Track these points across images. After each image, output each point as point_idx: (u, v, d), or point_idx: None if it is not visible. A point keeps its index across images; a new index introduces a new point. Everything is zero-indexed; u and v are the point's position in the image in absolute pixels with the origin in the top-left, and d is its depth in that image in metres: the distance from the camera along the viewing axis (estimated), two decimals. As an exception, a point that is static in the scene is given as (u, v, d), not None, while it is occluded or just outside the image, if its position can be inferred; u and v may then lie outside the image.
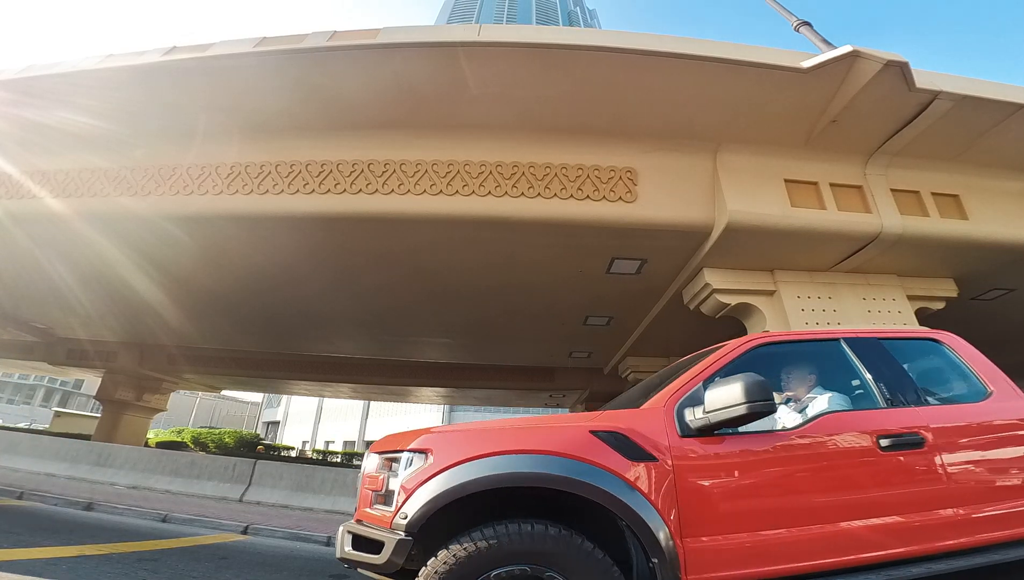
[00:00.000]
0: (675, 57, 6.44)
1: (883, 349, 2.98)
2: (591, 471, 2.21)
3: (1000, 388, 2.96)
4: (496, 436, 2.42)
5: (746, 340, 2.96)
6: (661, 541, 2.14)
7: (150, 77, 7.11)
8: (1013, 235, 7.84)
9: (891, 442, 2.51)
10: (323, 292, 10.57)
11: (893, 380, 2.82)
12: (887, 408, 2.69)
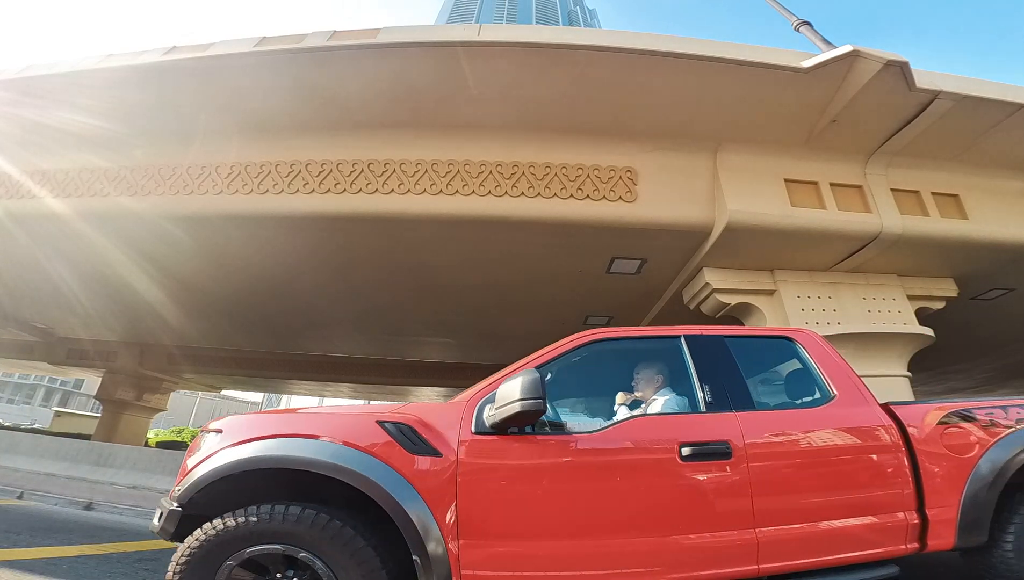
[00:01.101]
0: (675, 57, 6.44)
1: (723, 349, 2.73)
2: (362, 460, 2.15)
3: (845, 392, 2.66)
4: (284, 420, 2.40)
5: (580, 336, 2.79)
6: (426, 537, 2.05)
7: (150, 77, 7.11)
8: (1013, 235, 7.84)
9: (693, 451, 2.25)
10: (323, 292, 10.57)
11: (722, 382, 2.57)
12: (706, 413, 2.45)
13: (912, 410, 2.62)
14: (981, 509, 2.38)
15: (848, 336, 7.72)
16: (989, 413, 2.64)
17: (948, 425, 2.58)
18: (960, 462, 2.48)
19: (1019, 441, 2.55)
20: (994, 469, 2.45)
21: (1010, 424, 2.61)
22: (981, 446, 2.52)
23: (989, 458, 2.48)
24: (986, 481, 2.42)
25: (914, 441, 2.50)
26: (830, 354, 2.88)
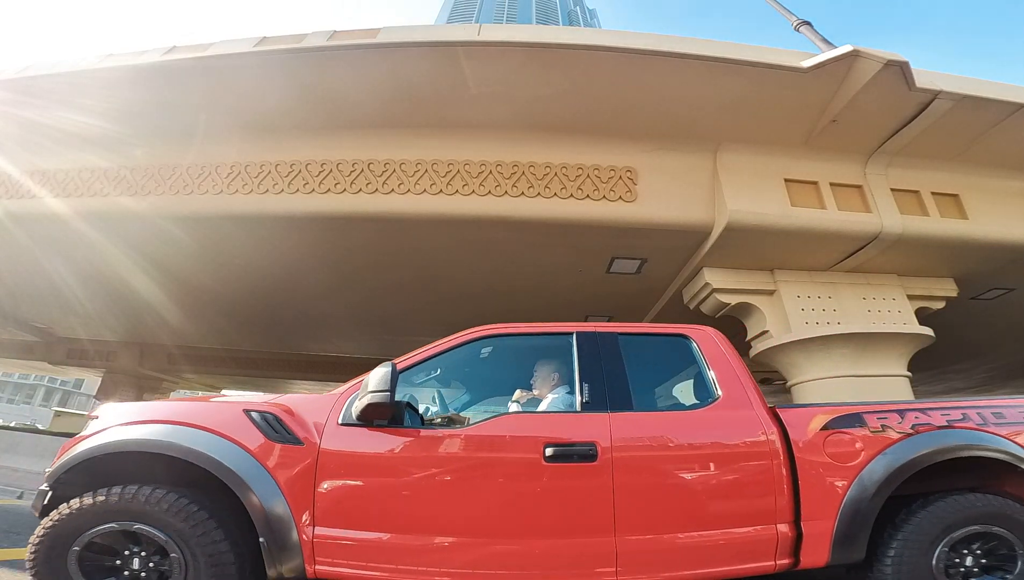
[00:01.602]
0: (675, 56, 6.44)
1: (614, 347, 2.63)
2: (219, 445, 2.18)
3: (731, 393, 2.49)
4: (159, 408, 2.43)
5: (469, 331, 2.74)
6: (275, 521, 2.07)
7: (150, 77, 7.10)
8: (1013, 235, 7.84)
9: (556, 452, 2.17)
10: (323, 291, 10.57)
11: (603, 381, 2.47)
12: (580, 413, 2.37)
13: (799, 414, 2.45)
14: (859, 523, 2.19)
15: (848, 336, 7.72)
16: (882, 418, 2.43)
17: (833, 431, 2.39)
18: (842, 471, 2.29)
19: (909, 450, 2.33)
20: (877, 480, 2.25)
21: (905, 431, 2.40)
22: (867, 454, 2.33)
23: (873, 467, 2.29)
24: (867, 493, 2.23)
25: (795, 447, 2.32)
26: (724, 354, 2.68)
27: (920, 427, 2.42)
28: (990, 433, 2.44)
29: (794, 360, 8.10)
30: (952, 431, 2.44)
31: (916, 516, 2.24)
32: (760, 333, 8.42)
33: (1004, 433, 2.44)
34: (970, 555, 2.25)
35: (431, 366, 2.63)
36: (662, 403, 2.77)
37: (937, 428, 2.43)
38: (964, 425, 2.46)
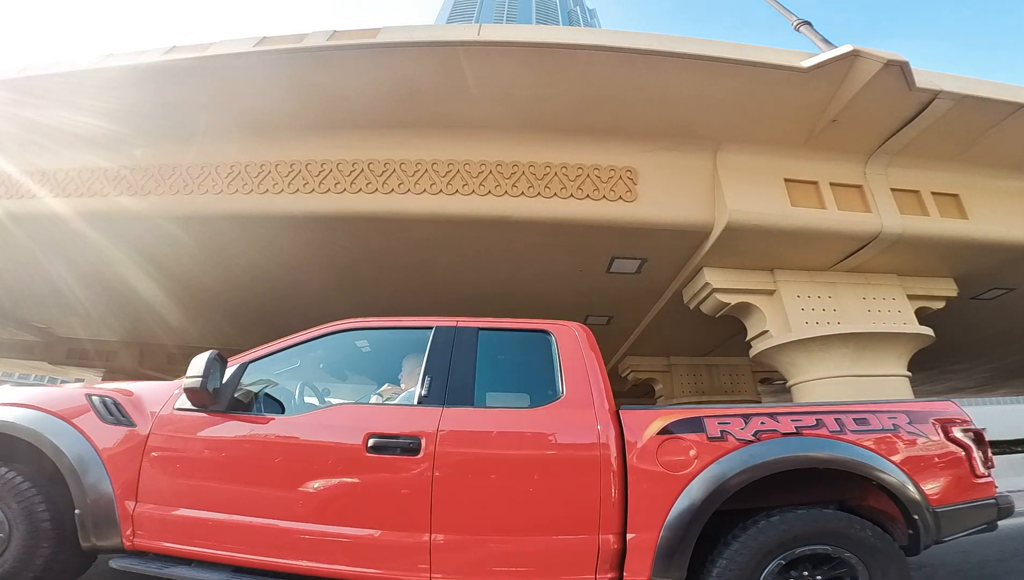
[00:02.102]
0: (675, 56, 6.44)
1: (470, 342, 2.65)
2: (51, 424, 2.30)
3: (575, 392, 2.39)
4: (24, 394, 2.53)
5: (331, 324, 2.80)
6: (95, 496, 2.18)
7: (150, 77, 7.10)
8: (1013, 235, 7.84)
9: (379, 443, 2.17)
10: (323, 291, 10.57)
11: (447, 375, 2.46)
12: (417, 406, 2.36)
13: (640, 416, 2.29)
14: (681, 539, 2.03)
15: (848, 336, 7.72)
16: (724, 423, 2.24)
17: (669, 436, 2.21)
18: (672, 480, 2.12)
19: (743, 459, 2.15)
20: (705, 491, 2.07)
21: (746, 438, 2.21)
22: (701, 463, 2.15)
23: (704, 478, 2.11)
24: (693, 506, 2.06)
25: (629, 452, 2.18)
26: (580, 352, 2.59)
27: (763, 434, 2.23)
28: (845, 441, 2.24)
29: (794, 360, 8.10)
30: (798, 439, 2.23)
31: (744, 534, 2.04)
32: (760, 333, 8.42)
33: (861, 441, 2.26)
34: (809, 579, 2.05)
35: (288, 357, 2.65)
36: (506, 400, 2.62)
37: (782, 435, 2.24)
38: (815, 432, 2.26)
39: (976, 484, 2.39)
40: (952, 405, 2.55)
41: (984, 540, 4.31)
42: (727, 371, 13.63)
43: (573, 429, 2.25)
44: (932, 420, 2.42)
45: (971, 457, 2.40)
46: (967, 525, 2.36)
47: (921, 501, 2.22)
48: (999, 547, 3.98)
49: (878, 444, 2.28)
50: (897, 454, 2.29)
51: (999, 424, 43.57)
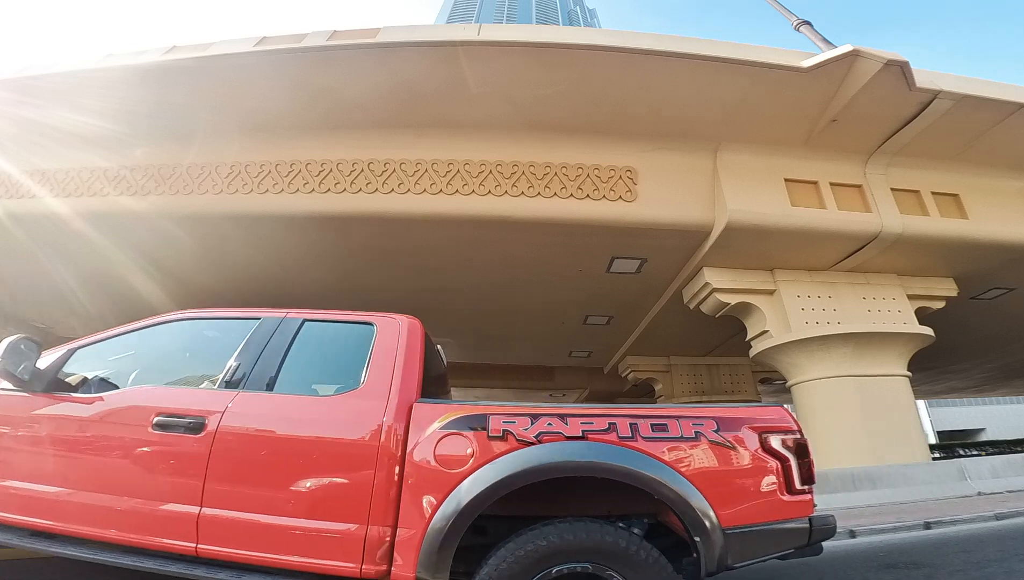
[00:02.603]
0: (675, 56, 6.44)
1: (291, 331, 2.64)
2: None
3: (376, 383, 2.36)
4: None
5: (164, 315, 2.87)
6: None
7: (150, 77, 7.11)
8: (1013, 234, 7.85)
9: (163, 422, 2.24)
10: (323, 291, 10.56)
11: (255, 362, 2.48)
12: (216, 390, 2.40)
13: (432, 410, 2.23)
14: (444, 540, 1.95)
15: (848, 335, 7.73)
16: (508, 422, 2.11)
17: (450, 432, 2.12)
18: (445, 478, 2.04)
19: (516, 463, 2.01)
20: (471, 493, 1.97)
21: (527, 439, 2.07)
22: (476, 462, 2.04)
23: (473, 479, 2.00)
24: (458, 507, 1.96)
25: (411, 446, 2.12)
26: (396, 344, 2.56)
27: (545, 436, 2.09)
28: (633, 448, 2.08)
29: (794, 360, 8.11)
30: (580, 444, 2.08)
31: (509, 544, 1.94)
32: (760, 333, 8.42)
33: (651, 449, 2.09)
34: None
35: (120, 345, 2.75)
36: (308, 388, 2.57)
37: (565, 438, 2.09)
38: (602, 437, 2.10)
39: (786, 502, 2.13)
40: (780, 411, 2.30)
41: (984, 540, 4.32)
42: (727, 371, 13.64)
43: (356, 419, 2.23)
44: (746, 428, 2.19)
45: (788, 470, 2.15)
46: (769, 549, 2.11)
47: (706, 519, 2.01)
48: (999, 547, 3.98)
49: (671, 453, 2.10)
50: (690, 465, 2.10)
51: (999, 424, 43.56)
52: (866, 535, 4.74)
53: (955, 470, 7.02)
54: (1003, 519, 5.09)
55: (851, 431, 7.45)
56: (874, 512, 5.76)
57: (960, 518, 5.08)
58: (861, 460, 7.08)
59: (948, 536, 4.57)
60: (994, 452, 29.02)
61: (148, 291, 10.63)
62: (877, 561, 3.73)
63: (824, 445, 7.66)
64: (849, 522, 5.07)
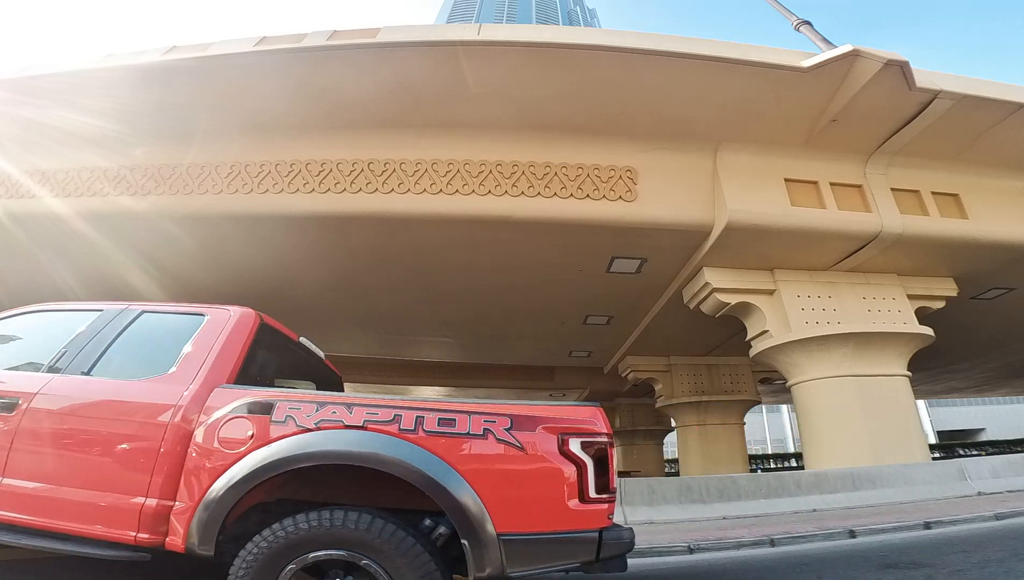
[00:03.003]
0: (675, 56, 6.44)
1: (123, 321, 2.77)
2: None
3: (185, 370, 2.45)
4: None
5: (26, 307, 3.01)
6: None
7: (150, 77, 7.11)
8: (1013, 234, 7.85)
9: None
10: (323, 291, 10.57)
11: (80, 349, 2.62)
12: (43, 373, 2.54)
13: (230, 394, 2.30)
14: (211, 515, 2.02)
15: (848, 335, 7.73)
16: (294, 408, 2.16)
17: (235, 415, 2.19)
18: (223, 459, 2.12)
19: (286, 448, 2.05)
20: (239, 475, 2.03)
21: (306, 426, 2.11)
22: (253, 446, 2.10)
23: (244, 462, 2.06)
24: (225, 487, 2.04)
25: (199, 427, 2.22)
26: (219, 334, 2.65)
27: (324, 424, 2.11)
28: (411, 441, 2.05)
29: (794, 360, 8.11)
30: (357, 433, 2.08)
31: (273, 526, 1.97)
32: (760, 333, 8.43)
33: (430, 443, 2.05)
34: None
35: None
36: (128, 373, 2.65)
37: (344, 427, 2.10)
38: (383, 428, 2.08)
39: (577, 511, 2.01)
40: (590, 412, 2.17)
41: (984, 540, 4.32)
42: (727, 371, 13.64)
43: (153, 401, 2.35)
44: (542, 428, 2.08)
45: (584, 477, 2.02)
46: (551, 561, 2.00)
47: (477, 522, 1.95)
48: (999, 547, 3.97)
49: (450, 449, 2.05)
50: (470, 463, 2.03)
51: (999, 424, 43.56)
52: (866, 535, 4.74)
53: (955, 470, 7.02)
54: (1003, 519, 5.09)
55: (851, 431, 7.45)
56: (874, 512, 5.76)
57: (960, 518, 5.07)
58: (861, 460, 7.08)
59: (948, 536, 4.56)
60: (994, 452, 29.05)
61: (148, 291, 10.63)
62: (877, 561, 3.73)
63: (824, 445, 7.67)
64: (849, 522, 5.08)
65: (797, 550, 4.34)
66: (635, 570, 3.87)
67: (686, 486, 6.42)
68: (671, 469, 22.41)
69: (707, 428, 12.99)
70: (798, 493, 6.42)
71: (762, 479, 6.60)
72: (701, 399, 13.14)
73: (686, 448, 13.42)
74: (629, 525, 2.45)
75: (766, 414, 44.17)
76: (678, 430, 13.97)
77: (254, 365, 2.82)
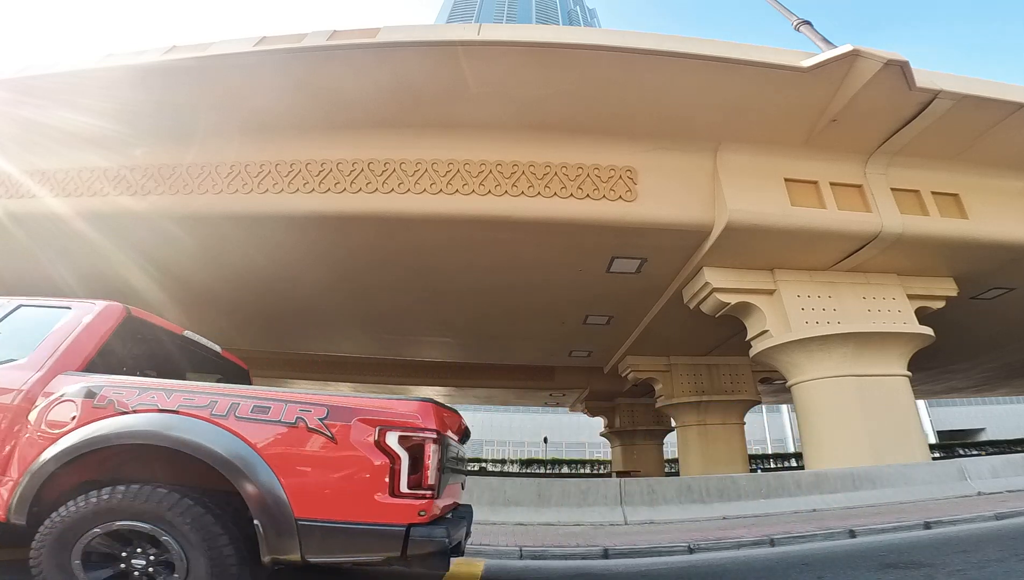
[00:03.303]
0: (675, 56, 6.44)
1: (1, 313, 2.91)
2: None
3: (36, 359, 2.58)
4: None
5: None
6: None
7: (150, 77, 7.11)
8: (1013, 234, 7.85)
9: None
10: (323, 291, 10.57)
11: None
12: None
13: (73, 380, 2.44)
14: (26, 490, 2.19)
15: (848, 335, 7.73)
16: (116, 393, 2.30)
17: (65, 398, 2.34)
18: (47, 437, 2.26)
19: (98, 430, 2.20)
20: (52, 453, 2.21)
21: (124, 409, 2.25)
22: (74, 425, 2.26)
23: (63, 440, 2.22)
24: (42, 463, 2.20)
25: (36, 409, 2.36)
26: (78, 325, 2.76)
27: (141, 408, 2.25)
28: (218, 425, 2.17)
29: (794, 359, 8.11)
30: (166, 416, 2.21)
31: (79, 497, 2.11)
32: (760, 333, 8.43)
33: (238, 428, 2.16)
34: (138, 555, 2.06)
35: None
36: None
37: (158, 411, 2.23)
38: (195, 413, 2.20)
39: (385, 505, 2.02)
40: (414, 407, 2.20)
41: (984, 540, 4.32)
42: (727, 371, 13.64)
43: (1, 385, 2.48)
44: (358, 420, 2.13)
45: (396, 471, 2.04)
46: (352, 551, 2.03)
47: (272, 505, 2.03)
48: (999, 547, 3.97)
49: (257, 434, 2.14)
50: (277, 450, 2.12)
51: (999, 424, 43.54)
52: (866, 535, 4.74)
53: (955, 470, 7.02)
54: (1003, 519, 5.09)
55: (851, 431, 7.45)
56: (874, 512, 5.76)
57: (960, 518, 5.08)
58: (861, 460, 7.08)
59: (948, 536, 4.56)
60: (994, 452, 29.04)
61: (148, 290, 10.63)
62: (877, 561, 3.73)
63: (824, 445, 7.67)
64: (849, 522, 5.08)
65: (797, 550, 4.34)
66: (635, 570, 3.88)
67: (686, 486, 6.42)
68: (671, 469, 22.39)
69: (707, 428, 12.99)
70: (798, 493, 6.43)
71: (762, 479, 6.60)
72: (701, 399, 13.14)
73: (686, 448, 13.42)
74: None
75: (766, 414, 44.14)
76: (678, 430, 13.97)
77: (116, 356, 2.93)
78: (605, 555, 4.34)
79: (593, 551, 4.39)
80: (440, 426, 2.20)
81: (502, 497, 6.15)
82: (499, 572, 3.85)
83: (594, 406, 20.77)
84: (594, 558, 4.32)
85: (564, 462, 33.73)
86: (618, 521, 5.92)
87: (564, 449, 38.62)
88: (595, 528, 5.67)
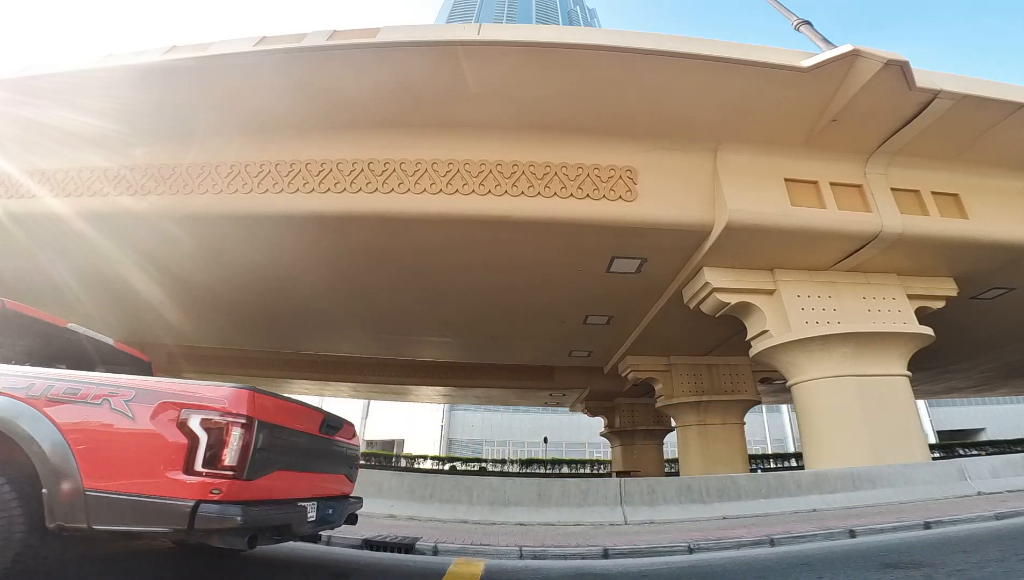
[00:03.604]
0: (675, 56, 6.44)
1: None
2: None
3: None
4: None
5: None
6: None
7: (150, 77, 7.11)
8: (1013, 234, 7.85)
9: None
10: (323, 291, 10.57)
11: None
12: None
13: None
14: None
15: (848, 335, 7.73)
16: None
17: None
18: None
19: None
20: None
21: None
22: None
23: None
24: None
25: None
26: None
27: None
28: (27, 404, 2.34)
29: (794, 359, 8.11)
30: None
31: None
32: (760, 332, 8.42)
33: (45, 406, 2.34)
34: None
35: None
36: None
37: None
38: (10, 393, 2.38)
39: (178, 482, 2.16)
40: (226, 393, 2.33)
41: (984, 540, 4.32)
42: (727, 371, 13.63)
43: None
44: (163, 402, 2.29)
45: (193, 450, 2.19)
46: (138, 521, 2.17)
47: (60, 475, 2.19)
48: (999, 547, 3.97)
49: (61, 412, 2.32)
50: (77, 427, 2.29)
51: (999, 424, 43.55)
52: (866, 535, 4.74)
53: (955, 470, 7.02)
54: (1003, 519, 5.09)
55: (851, 431, 7.45)
56: (874, 512, 5.76)
57: (960, 518, 5.07)
58: (861, 460, 7.08)
59: (948, 536, 4.56)
60: (994, 452, 29.03)
61: (148, 291, 10.64)
62: (877, 561, 3.73)
63: (824, 445, 7.67)
64: (849, 522, 5.08)
65: (797, 550, 4.34)
66: (635, 570, 3.88)
67: (686, 486, 6.42)
68: (671, 469, 22.38)
69: (707, 428, 12.99)
70: (798, 493, 6.42)
71: (762, 479, 6.59)
72: (701, 399, 13.14)
73: (686, 448, 13.41)
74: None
75: (766, 414, 44.11)
76: (678, 430, 13.96)
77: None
78: (605, 555, 4.34)
79: (593, 551, 4.39)
80: (255, 412, 2.34)
81: (502, 497, 6.15)
82: (499, 572, 3.85)
83: (594, 406, 20.76)
84: (594, 558, 4.32)
85: (564, 462, 33.69)
86: (618, 521, 5.92)
87: (564, 449, 38.60)
88: (595, 528, 5.67)
